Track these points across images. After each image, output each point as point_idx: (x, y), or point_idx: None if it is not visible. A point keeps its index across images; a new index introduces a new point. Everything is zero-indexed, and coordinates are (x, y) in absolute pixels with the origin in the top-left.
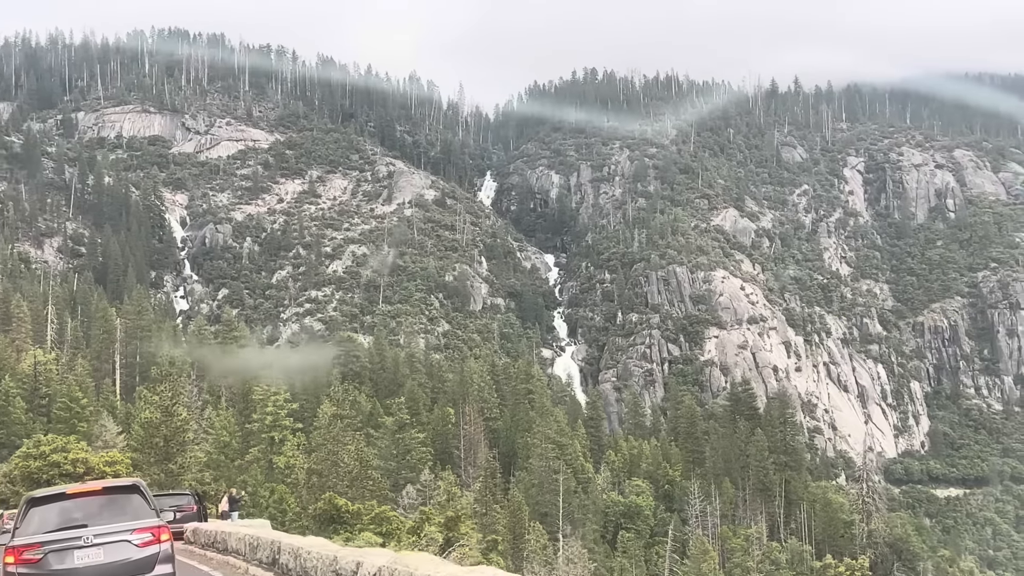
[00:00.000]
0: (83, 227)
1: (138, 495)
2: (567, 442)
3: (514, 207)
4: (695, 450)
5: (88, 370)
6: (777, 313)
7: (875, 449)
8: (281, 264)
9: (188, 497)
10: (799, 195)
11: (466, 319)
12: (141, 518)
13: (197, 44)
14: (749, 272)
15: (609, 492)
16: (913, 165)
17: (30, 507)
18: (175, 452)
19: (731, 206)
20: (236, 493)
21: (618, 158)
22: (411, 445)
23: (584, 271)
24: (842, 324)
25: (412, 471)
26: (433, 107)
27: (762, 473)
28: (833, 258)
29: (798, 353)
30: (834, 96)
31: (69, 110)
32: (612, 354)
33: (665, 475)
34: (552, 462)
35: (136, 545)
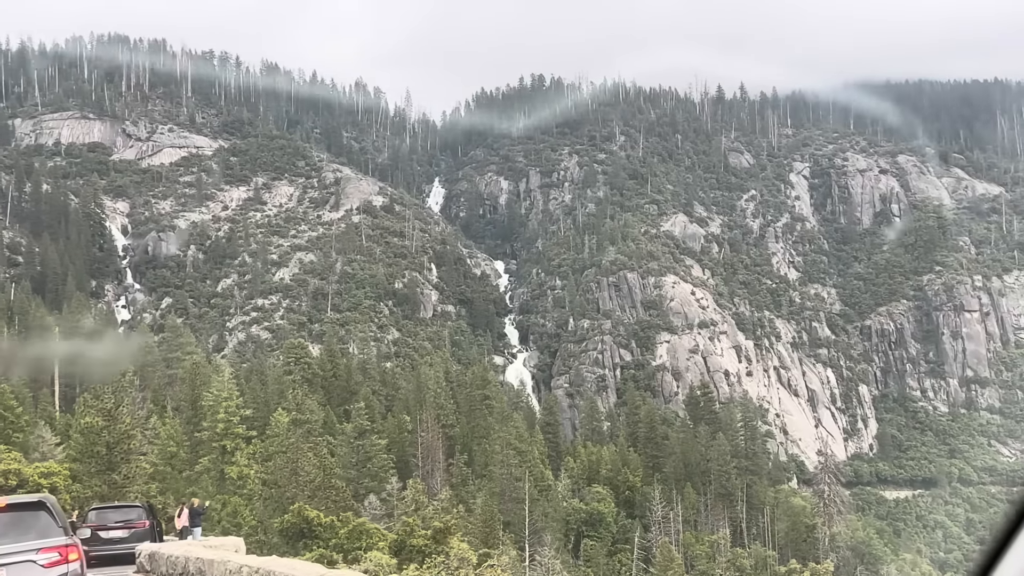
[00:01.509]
0: (20, 236)
1: (45, 512)
2: (527, 448)
3: (463, 213)
4: (655, 455)
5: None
6: (727, 317)
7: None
8: (226, 272)
9: (138, 510)
10: (747, 200)
11: (416, 326)
12: (48, 536)
13: (138, 50)
14: (699, 277)
15: (569, 499)
16: (858, 170)
17: None
18: (119, 461)
19: (680, 211)
20: (199, 504)
21: (567, 164)
22: (372, 452)
23: (535, 277)
24: (791, 328)
25: (374, 480)
26: (380, 114)
27: (724, 478)
28: (781, 263)
29: (749, 357)
30: (779, 102)
31: (5, 116)
32: (564, 360)
33: (625, 481)
34: (514, 469)
35: (42, 566)
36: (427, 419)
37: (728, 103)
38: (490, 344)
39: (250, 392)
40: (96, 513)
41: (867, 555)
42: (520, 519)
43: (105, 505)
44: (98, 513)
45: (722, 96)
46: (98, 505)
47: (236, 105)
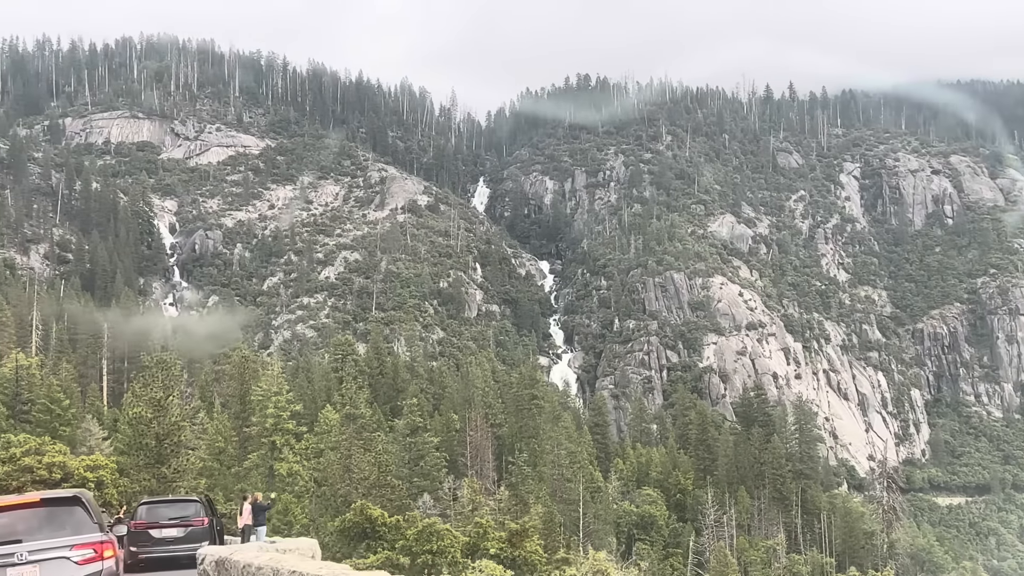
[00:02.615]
0: (70, 233)
1: (80, 507)
2: (576, 449)
3: (508, 213)
4: (706, 458)
5: (73, 375)
6: (776, 319)
7: (877, 457)
8: (272, 270)
9: (195, 505)
10: (795, 201)
11: (461, 326)
12: (83, 533)
13: (187, 50)
14: (747, 278)
15: (619, 502)
16: (909, 171)
17: None
18: (169, 454)
19: (728, 212)
20: (263, 499)
21: (613, 164)
22: (424, 450)
23: (580, 278)
24: (841, 331)
25: (426, 478)
26: (425, 113)
27: (779, 482)
28: (831, 264)
29: (797, 360)
30: (829, 102)
31: (56, 116)
32: (609, 361)
33: (676, 484)
34: (565, 470)
35: (76, 563)
36: (475, 418)
37: (776, 103)
38: (535, 344)
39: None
40: (147, 508)
41: (927, 562)
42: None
43: (157, 499)
44: (149, 508)
45: (770, 96)
46: (149, 499)
47: (283, 105)
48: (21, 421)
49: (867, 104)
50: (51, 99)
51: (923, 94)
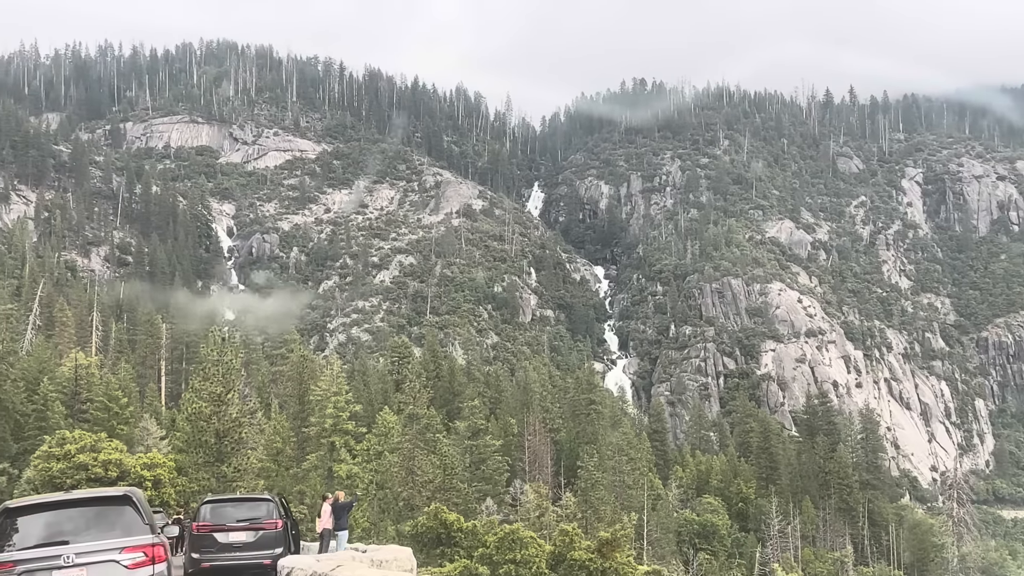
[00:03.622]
0: (130, 236)
1: (130, 507)
2: (636, 456)
3: (562, 218)
4: (768, 466)
5: (132, 375)
6: (836, 326)
7: (939, 468)
8: (328, 274)
9: (267, 505)
10: (856, 206)
11: (515, 331)
12: (133, 534)
13: (245, 56)
14: (806, 284)
15: (680, 510)
16: (974, 176)
17: (4, 518)
18: (229, 452)
19: (786, 217)
20: (345, 498)
21: (669, 168)
22: (486, 454)
23: (635, 283)
24: (903, 339)
25: (488, 482)
26: (480, 118)
27: (845, 492)
28: (892, 271)
29: (858, 368)
30: (890, 106)
31: (117, 120)
32: (665, 367)
33: (738, 493)
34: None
35: (125, 566)
36: (534, 422)
37: (836, 107)
38: (589, 350)
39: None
40: (211, 508)
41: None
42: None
43: (223, 497)
44: (214, 508)
45: (830, 100)
46: (214, 497)
47: (339, 110)
48: (79, 420)
49: (929, 108)
50: (113, 104)
51: (986, 98)
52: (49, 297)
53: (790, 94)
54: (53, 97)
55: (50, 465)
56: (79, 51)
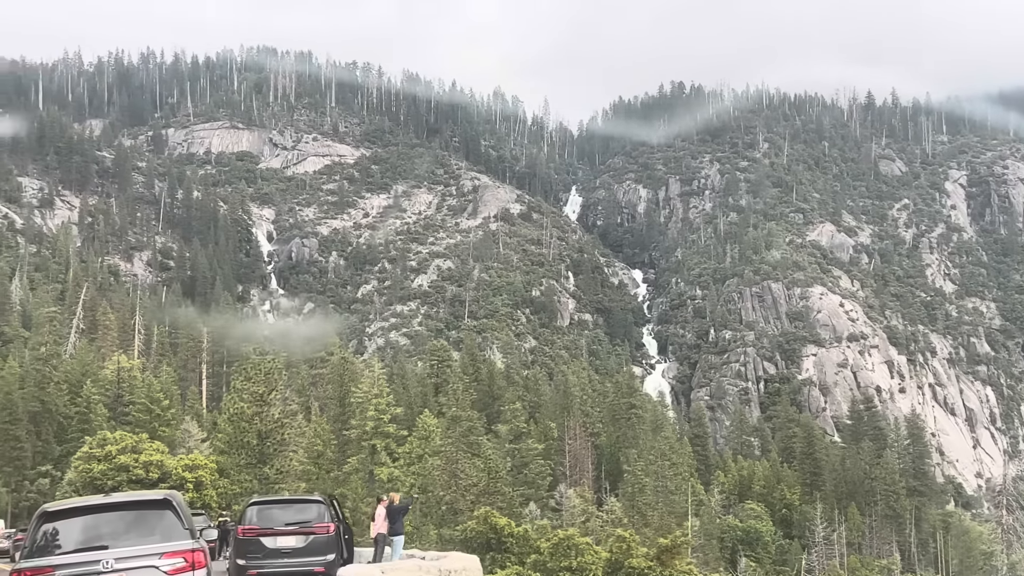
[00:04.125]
0: (172, 241)
1: (170, 511)
2: (679, 460)
3: (600, 222)
4: (812, 472)
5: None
6: (878, 331)
7: (985, 475)
8: (366, 278)
9: (318, 507)
10: (899, 209)
11: (553, 335)
12: (173, 539)
13: (285, 61)
14: (848, 288)
15: (723, 516)
16: (1019, 179)
17: (42, 522)
18: (272, 453)
19: (827, 221)
20: (402, 499)
21: (708, 172)
22: (529, 457)
23: (674, 287)
24: (947, 343)
25: (530, 486)
26: (518, 122)
27: (892, 499)
28: (936, 274)
29: (901, 373)
30: (933, 108)
31: (159, 126)
32: (704, 372)
33: (782, 499)
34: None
35: (165, 572)
36: (574, 426)
37: (878, 110)
38: (628, 354)
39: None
40: (257, 510)
41: None
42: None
43: (271, 499)
44: (260, 511)
45: (872, 102)
46: (261, 499)
47: (377, 114)
48: (122, 423)
49: (973, 110)
50: (155, 110)
51: None
52: (92, 301)
53: (831, 96)
54: (96, 104)
55: (91, 466)
56: (122, 58)
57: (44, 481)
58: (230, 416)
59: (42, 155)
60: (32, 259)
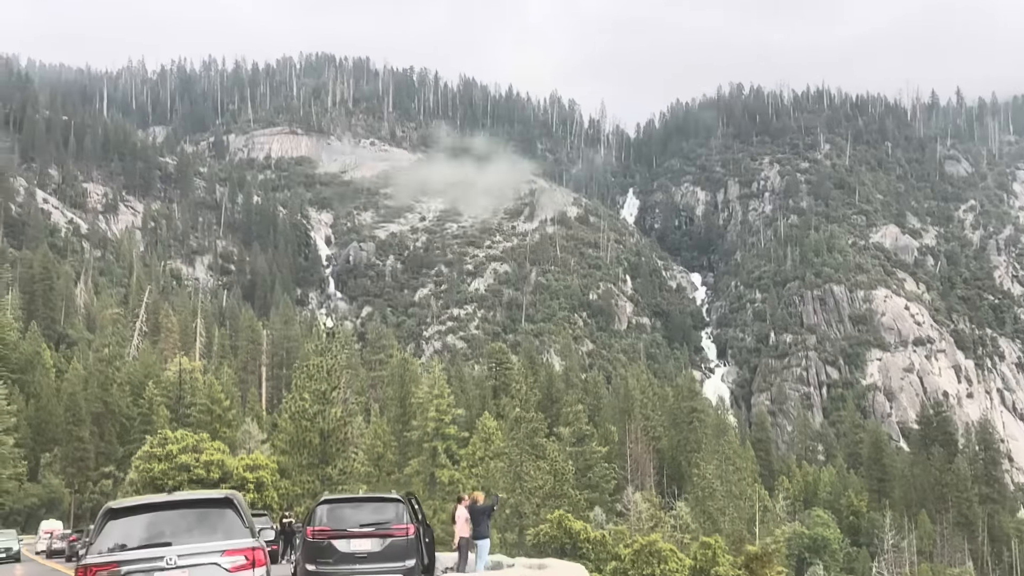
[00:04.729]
0: (232, 245)
1: (232, 510)
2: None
3: (658, 225)
4: (880, 479)
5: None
6: (945, 335)
7: None
8: (423, 282)
9: (395, 507)
10: (965, 211)
11: (611, 338)
12: (234, 537)
13: (343, 68)
14: (913, 291)
15: (788, 522)
16: None
17: (108, 519)
18: (334, 453)
19: (891, 222)
20: (487, 499)
21: (767, 173)
22: (592, 460)
23: (733, 290)
24: (1016, 347)
25: (594, 490)
26: (574, 125)
27: (964, 506)
28: (1004, 277)
29: (969, 378)
30: (999, 108)
31: (220, 132)
32: (765, 376)
33: (849, 505)
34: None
35: (227, 569)
36: (635, 430)
37: (943, 109)
38: (686, 358)
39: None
40: (328, 510)
41: None
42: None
43: (343, 497)
44: (332, 510)
45: (936, 102)
46: (332, 497)
47: (434, 119)
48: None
49: None
50: (216, 117)
51: None
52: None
53: (894, 96)
54: (159, 111)
55: (151, 466)
56: (184, 66)
57: (107, 482)
58: (291, 415)
59: (107, 161)
60: (97, 263)
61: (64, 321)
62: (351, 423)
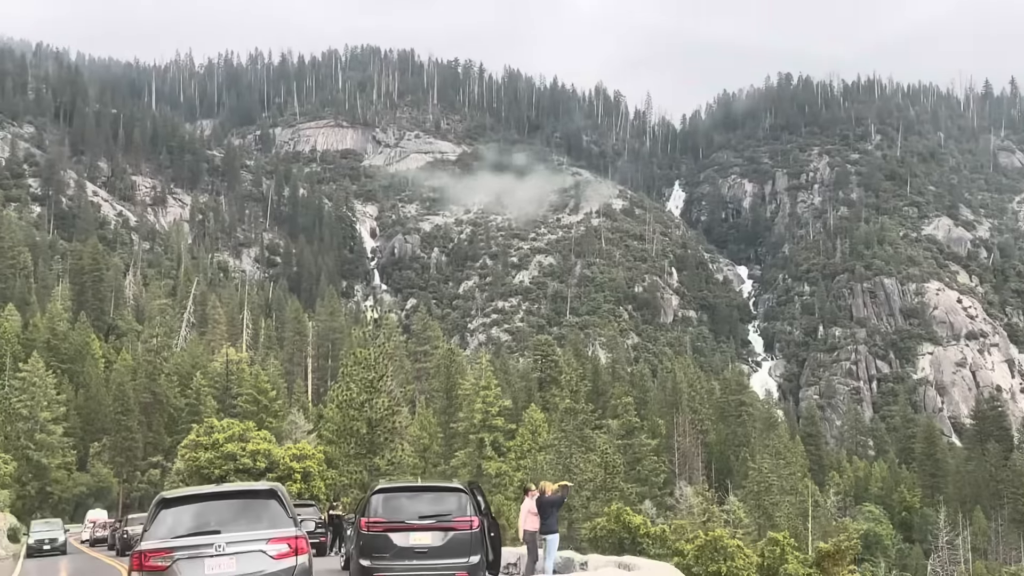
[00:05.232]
0: (279, 237)
1: (276, 501)
2: (792, 460)
3: (704, 217)
4: (933, 474)
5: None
6: (999, 329)
7: None
8: (468, 274)
9: (457, 497)
10: (1020, 202)
11: (656, 331)
12: (278, 527)
13: (388, 61)
14: (966, 284)
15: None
16: None
17: (161, 508)
18: (382, 443)
19: (944, 214)
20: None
21: (817, 165)
22: (642, 453)
23: (781, 283)
24: None
25: (643, 484)
26: (619, 117)
27: (1021, 502)
28: None
29: (1023, 372)
30: None
31: (267, 126)
32: (813, 370)
33: (901, 501)
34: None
35: (272, 556)
36: (683, 423)
37: (997, 99)
38: (733, 351)
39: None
40: (384, 499)
41: None
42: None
43: (400, 486)
44: (387, 500)
45: (989, 92)
46: (388, 485)
47: (479, 111)
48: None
49: None
50: (262, 110)
51: None
52: (202, 296)
53: (946, 86)
54: (207, 104)
55: (197, 455)
56: (231, 60)
57: (155, 472)
58: (339, 403)
59: (155, 154)
60: (145, 255)
61: (113, 312)
62: (399, 412)
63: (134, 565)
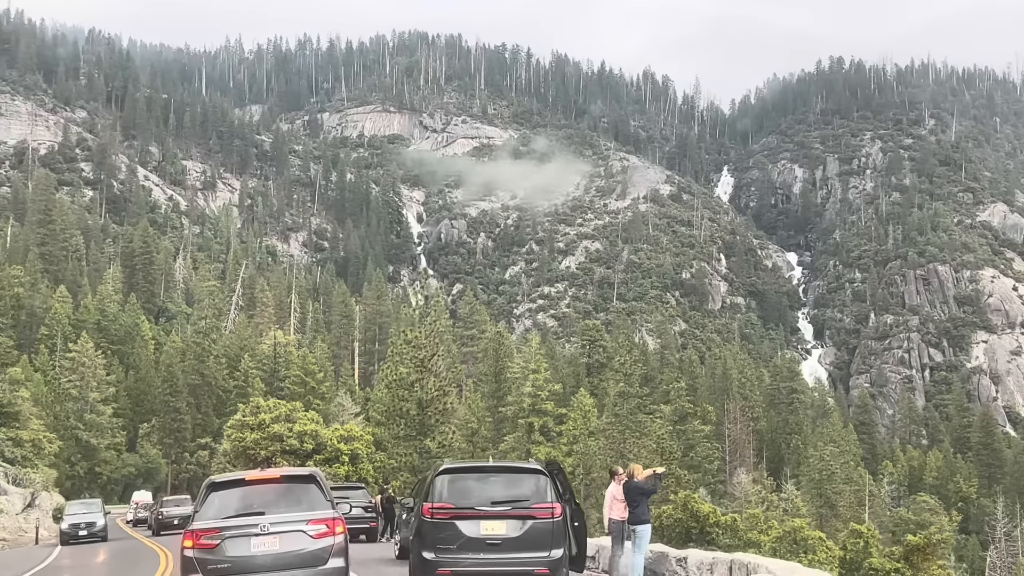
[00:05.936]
0: (326, 222)
1: (314, 485)
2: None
3: (753, 203)
4: (990, 464)
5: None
6: None
7: None
8: (514, 260)
9: (534, 479)
10: None
11: (704, 318)
12: (317, 509)
13: (435, 46)
14: (1022, 271)
15: (893, 508)
16: None
17: (210, 491)
18: (433, 424)
19: (999, 200)
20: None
21: (869, 150)
22: (695, 439)
23: (831, 270)
24: None
25: (697, 470)
26: (667, 102)
27: None
28: None
29: None
30: None
31: (315, 111)
32: (864, 358)
33: (957, 491)
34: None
35: (311, 536)
36: (734, 410)
37: None
38: (782, 339)
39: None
40: (450, 481)
41: None
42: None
43: (468, 466)
44: (454, 481)
45: None
46: (454, 465)
47: (526, 96)
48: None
49: None
50: (311, 95)
51: None
52: (251, 279)
53: (1002, 70)
54: (256, 90)
55: (244, 435)
56: (280, 45)
57: (203, 453)
58: (388, 383)
59: (205, 139)
60: (195, 239)
61: (163, 295)
62: (449, 394)
63: (190, 542)
